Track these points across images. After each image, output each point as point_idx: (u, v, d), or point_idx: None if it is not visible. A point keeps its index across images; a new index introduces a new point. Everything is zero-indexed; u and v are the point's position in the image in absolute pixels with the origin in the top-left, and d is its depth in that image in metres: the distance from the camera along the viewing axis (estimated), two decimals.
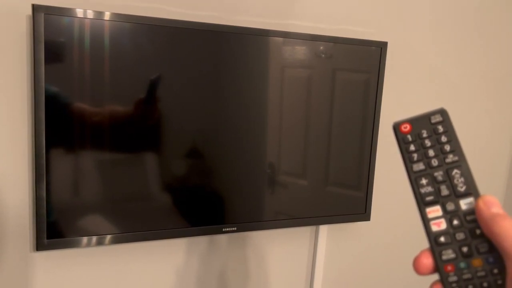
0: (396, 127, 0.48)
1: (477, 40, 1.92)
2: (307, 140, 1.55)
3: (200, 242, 1.53)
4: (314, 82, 1.53)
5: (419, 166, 0.47)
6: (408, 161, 0.47)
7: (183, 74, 1.34)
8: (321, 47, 1.51)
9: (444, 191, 0.45)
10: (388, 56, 1.64)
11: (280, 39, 1.45)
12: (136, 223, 1.35)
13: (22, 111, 1.23)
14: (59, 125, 1.20)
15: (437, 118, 0.47)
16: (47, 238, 1.22)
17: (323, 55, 1.52)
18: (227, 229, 1.45)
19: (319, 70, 1.53)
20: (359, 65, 1.60)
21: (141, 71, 1.29)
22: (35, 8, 1.12)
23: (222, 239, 1.56)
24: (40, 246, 1.22)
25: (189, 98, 1.36)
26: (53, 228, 1.23)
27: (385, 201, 1.83)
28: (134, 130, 1.31)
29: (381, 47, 1.59)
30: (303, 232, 1.71)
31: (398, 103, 1.78)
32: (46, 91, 1.16)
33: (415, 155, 0.47)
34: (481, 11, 1.90)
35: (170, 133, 1.36)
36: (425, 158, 0.46)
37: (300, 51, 1.49)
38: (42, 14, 1.13)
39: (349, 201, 1.66)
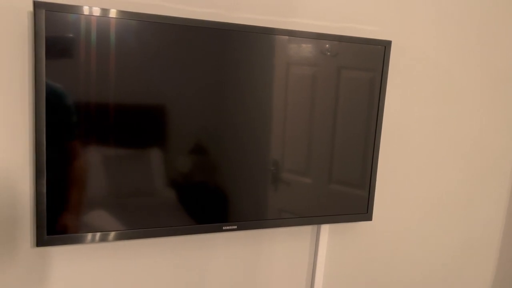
0: None
1: (481, 38, 1.90)
2: (311, 138, 1.54)
3: (201, 240, 1.53)
4: (318, 80, 1.52)
5: None
6: None
7: (188, 72, 1.33)
8: (327, 45, 1.50)
9: None
10: (392, 55, 1.63)
11: (286, 37, 1.44)
12: (136, 221, 1.34)
13: (23, 107, 1.23)
14: (59, 122, 1.20)
15: None
16: (47, 234, 1.23)
17: (328, 53, 1.51)
18: (227, 227, 1.44)
19: (324, 68, 1.52)
20: (363, 63, 1.58)
21: (144, 68, 1.28)
22: (36, 4, 1.12)
23: (223, 237, 1.56)
24: (40, 242, 1.23)
25: (194, 95, 1.36)
26: (53, 224, 1.23)
27: (386, 201, 1.82)
28: (135, 127, 1.31)
29: (385, 45, 1.57)
30: (304, 231, 1.70)
31: (401, 102, 1.77)
32: (47, 88, 1.16)
33: None
34: (485, 9, 1.88)
35: (173, 130, 1.36)
36: None
37: (304, 50, 1.48)
38: (43, 11, 1.13)
39: (351, 201, 1.65)
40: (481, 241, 2.12)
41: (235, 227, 1.45)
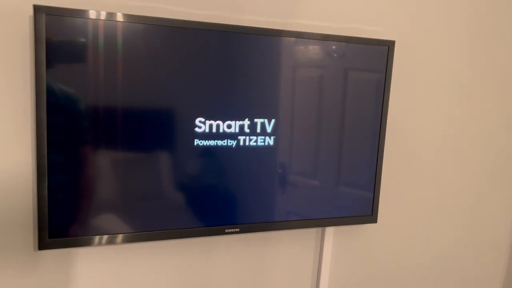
0: None
1: (485, 38, 1.87)
2: (318, 140, 1.53)
3: (204, 242, 1.52)
4: (325, 82, 1.52)
5: None
6: None
7: (195, 74, 1.33)
8: (333, 47, 1.50)
9: None
10: (396, 55, 1.61)
11: (292, 39, 1.44)
12: (138, 224, 1.34)
13: (25, 110, 1.24)
14: (61, 125, 1.21)
15: None
16: (49, 238, 1.23)
17: (335, 55, 1.51)
18: (230, 230, 1.44)
19: (329, 70, 1.51)
20: (368, 64, 1.57)
21: (146, 71, 1.28)
22: (36, 8, 1.13)
23: (227, 239, 1.55)
24: (42, 245, 1.23)
25: (201, 98, 1.35)
26: (55, 228, 1.24)
27: (392, 203, 1.80)
28: (136, 130, 1.31)
29: (389, 46, 1.56)
30: (308, 234, 1.69)
31: (406, 102, 1.75)
32: (47, 91, 1.17)
33: None
34: (489, 8, 1.85)
35: (179, 131, 1.36)
36: None
37: (311, 51, 1.48)
38: (43, 15, 1.13)
39: (356, 203, 1.64)
40: (489, 243, 2.09)
41: (238, 230, 1.45)
